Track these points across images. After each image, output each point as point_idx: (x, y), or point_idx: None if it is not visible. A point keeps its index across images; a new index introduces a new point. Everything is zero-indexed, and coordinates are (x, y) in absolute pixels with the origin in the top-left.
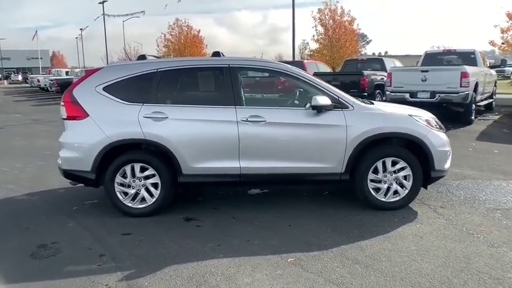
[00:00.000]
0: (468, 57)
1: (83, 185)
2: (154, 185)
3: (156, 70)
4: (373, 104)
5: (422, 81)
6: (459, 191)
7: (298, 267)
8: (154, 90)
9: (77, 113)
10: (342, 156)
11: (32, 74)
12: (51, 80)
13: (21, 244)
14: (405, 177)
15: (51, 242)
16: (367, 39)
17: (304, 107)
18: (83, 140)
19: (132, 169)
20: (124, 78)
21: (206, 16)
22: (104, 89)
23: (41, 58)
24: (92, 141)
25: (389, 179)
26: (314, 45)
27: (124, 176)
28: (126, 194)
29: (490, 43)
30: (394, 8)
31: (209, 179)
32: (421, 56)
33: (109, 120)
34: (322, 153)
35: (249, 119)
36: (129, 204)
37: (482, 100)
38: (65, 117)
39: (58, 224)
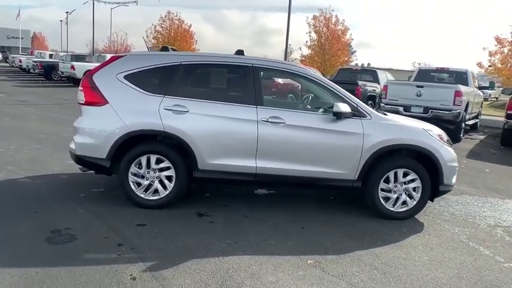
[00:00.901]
0: (460, 77)
1: (92, 172)
2: (168, 178)
3: (179, 63)
4: (387, 115)
5: (417, 96)
6: (459, 206)
7: (319, 269)
8: (176, 83)
9: (96, 99)
10: (356, 163)
11: (11, 53)
12: (35, 62)
13: (33, 228)
14: (414, 189)
15: (64, 228)
16: (352, 50)
17: (317, 111)
18: (100, 127)
19: (148, 160)
20: (146, 68)
21: (194, 11)
22: (125, 77)
23: (21, 38)
24: (110, 128)
25: (400, 189)
26: (306, 51)
27: (139, 166)
28: (139, 184)
29: (477, 65)
30: (376, 22)
31: (224, 176)
32: (403, 69)
33: (129, 109)
34: (337, 159)
35: (269, 120)
36: (142, 195)
37: (469, 119)
38: (83, 102)
39: (68, 210)
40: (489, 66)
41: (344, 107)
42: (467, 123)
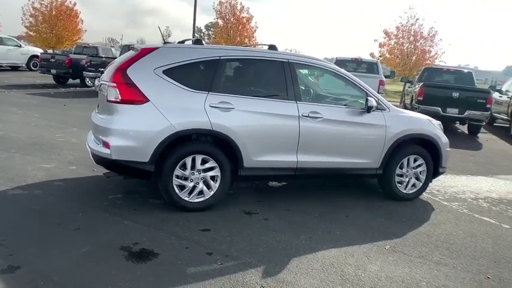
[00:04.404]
0: (372, 67)
1: (90, 176)
2: (212, 178)
3: (219, 57)
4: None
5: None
6: (437, 183)
7: (400, 253)
8: (219, 79)
9: (135, 96)
10: (380, 153)
11: None
12: None
13: (95, 248)
14: (421, 172)
15: (132, 243)
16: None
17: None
18: (142, 127)
19: (193, 161)
20: (185, 62)
21: None
22: (164, 72)
23: None
24: (154, 129)
25: (410, 173)
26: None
27: (183, 168)
28: (182, 187)
29: (370, 55)
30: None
31: (267, 173)
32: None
33: (173, 107)
34: (366, 149)
35: (309, 115)
36: (186, 198)
37: None
38: (119, 100)
39: (112, 223)
40: (380, 56)
41: (374, 102)
42: None
